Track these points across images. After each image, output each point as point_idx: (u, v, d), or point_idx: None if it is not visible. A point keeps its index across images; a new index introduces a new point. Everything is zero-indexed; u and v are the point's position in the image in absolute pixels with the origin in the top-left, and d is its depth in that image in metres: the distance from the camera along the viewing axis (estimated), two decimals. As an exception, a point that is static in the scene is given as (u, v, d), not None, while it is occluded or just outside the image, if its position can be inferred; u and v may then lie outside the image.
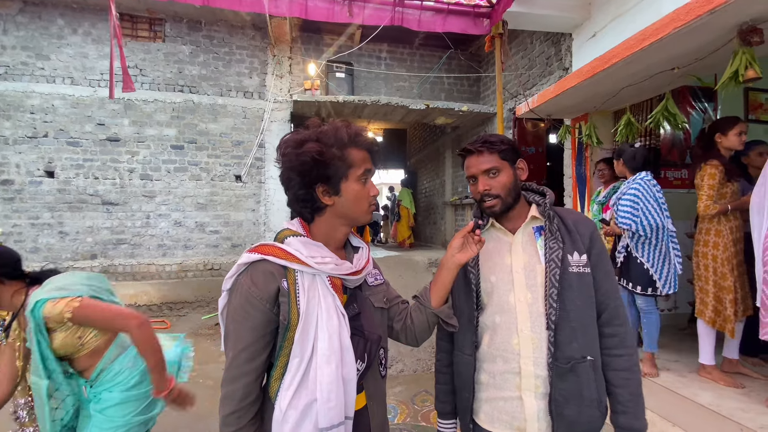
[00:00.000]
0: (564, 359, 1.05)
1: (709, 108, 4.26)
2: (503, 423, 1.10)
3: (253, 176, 6.85)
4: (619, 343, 1.10)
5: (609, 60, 2.90)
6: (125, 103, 6.37)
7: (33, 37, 6.14)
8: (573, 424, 1.04)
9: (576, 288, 1.07)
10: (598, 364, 1.08)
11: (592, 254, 1.11)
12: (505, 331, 1.11)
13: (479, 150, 1.13)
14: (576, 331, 1.06)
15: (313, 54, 7.18)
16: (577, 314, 1.06)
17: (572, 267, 1.08)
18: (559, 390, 1.04)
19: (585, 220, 1.16)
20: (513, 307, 1.10)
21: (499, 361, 1.11)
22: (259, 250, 0.96)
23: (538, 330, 1.08)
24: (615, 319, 1.11)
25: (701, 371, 2.71)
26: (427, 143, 10.31)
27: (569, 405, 1.04)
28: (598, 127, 3.99)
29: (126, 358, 1.57)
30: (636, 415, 1.06)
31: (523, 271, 1.11)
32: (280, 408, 0.91)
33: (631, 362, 1.09)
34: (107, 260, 6.27)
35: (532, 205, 1.18)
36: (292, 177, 0.98)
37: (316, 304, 0.94)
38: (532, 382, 1.07)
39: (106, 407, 1.51)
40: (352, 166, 0.98)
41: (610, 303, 1.11)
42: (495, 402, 1.12)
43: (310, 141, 0.97)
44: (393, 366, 3.95)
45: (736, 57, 2.32)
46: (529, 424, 1.07)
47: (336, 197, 0.99)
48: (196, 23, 6.66)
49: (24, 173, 6.05)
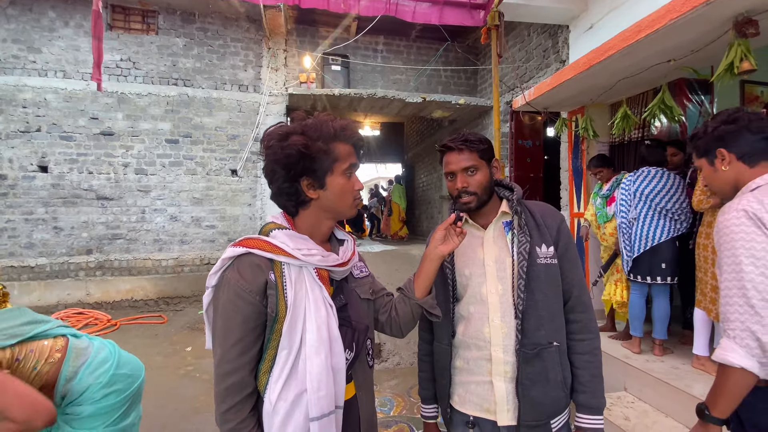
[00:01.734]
0: (531, 345, 1.12)
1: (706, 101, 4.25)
2: (474, 405, 1.18)
3: (249, 170, 6.82)
4: (581, 329, 1.17)
5: (605, 52, 2.88)
6: (119, 97, 6.31)
7: (24, 30, 6.06)
8: (538, 405, 1.12)
9: (544, 279, 1.14)
10: (564, 349, 1.16)
11: (560, 246, 1.18)
12: (477, 320, 1.18)
13: (459, 148, 1.18)
14: (543, 319, 1.13)
15: (309, 46, 7.11)
16: (545, 303, 1.13)
17: (540, 259, 1.14)
18: (525, 374, 1.11)
19: (553, 212, 1.23)
20: (485, 298, 1.17)
21: (473, 349, 1.19)
22: (244, 243, 0.96)
23: (507, 319, 1.15)
24: (578, 306, 1.18)
25: (695, 362, 2.74)
26: (425, 137, 10.27)
27: (535, 387, 1.11)
28: (595, 120, 3.98)
29: (88, 369, 1.33)
30: (594, 394, 1.15)
31: (494, 264, 1.18)
32: (269, 400, 0.91)
33: (592, 346, 1.17)
34: (103, 255, 6.25)
35: (503, 201, 1.24)
36: (276, 170, 0.98)
37: (304, 296, 0.94)
38: (501, 367, 1.14)
39: (75, 419, 1.34)
40: (337, 160, 0.98)
41: (575, 291, 1.18)
42: (467, 385, 1.20)
43: (295, 134, 0.96)
44: (389, 359, 3.96)
45: (731, 49, 2.31)
46: (498, 405, 1.14)
47: (321, 191, 0.99)
48: (190, 15, 6.58)
49: (17, 168, 5.99)
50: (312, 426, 0.90)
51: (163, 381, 3.48)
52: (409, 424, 2.75)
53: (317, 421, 0.90)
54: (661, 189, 2.91)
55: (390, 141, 13.05)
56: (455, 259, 1.23)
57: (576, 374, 1.16)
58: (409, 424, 2.75)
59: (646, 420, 2.52)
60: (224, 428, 0.92)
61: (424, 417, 1.36)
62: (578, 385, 1.16)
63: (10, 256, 5.95)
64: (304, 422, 0.90)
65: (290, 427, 0.90)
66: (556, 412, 1.15)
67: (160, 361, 3.95)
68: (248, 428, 0.92)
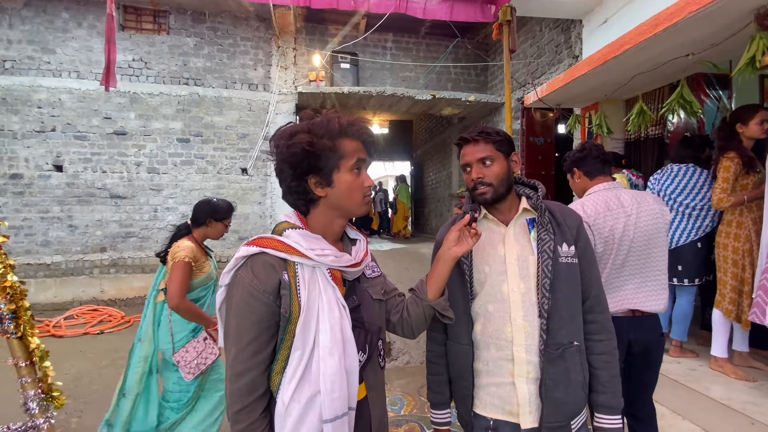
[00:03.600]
0: (554, 345, 1.11)
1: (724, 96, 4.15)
2: (495, 407, 1.16)
3: (259, 169, 6.85)
4: (600, 329, 1.17)
5: (620, 47, 2.82)
6: (131, 97, 6.38)
7: (38, 31, 6.16)
8: (561, 405, 1.10)
9: (565, 278, 1.13)
10: (583, 349, 1.15)
11: (579, 245, 1.17)
12: (498, 319, 1.15)
13: (475, 139, 1.18)
14: (565, 318, 1.12)
15: (318, 45, 7.11)
16: (566, 303, 1.12)
17: (562, 258, 1.13)
18: (549, 374, 1.10)
19: (572, 213, 1.22)
20: (506, 296, 1.15)
21: (492, 349, 1.16)
22: (257, 243, 0.95)
23: (530, 318, 1.13)
24: (597, 306, 1.18)
25: (713, 364, 2.67)
26: (434, 134, 10.22)
27: (558, 388, 1.10)
28: (609, 116, 3.91)
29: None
30: (614, 394, 1.14)
31: (516, 262, 1.16)
32: (282, 401, 0.90)
33: (610, 346, 1.17)
34: (116, 253, 6.34)
35: (523, 198, 1.22)
36: (284, 169, 0.98)
37: (317, 297, 0.94)
38: (524, 368, 1.12)
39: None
40: (343, 157, 0.97)
41: (593, 291, 1.18)
42: (488, 388, 1.17)
43: (301, 132, 0.96)
44: (399, 358, 3.95)
45: (753, 42, 2.24)
46: (521, 408, 1.12)
47: (329, 188, 0.98)
48: (200, 15, 6.62)
49: (33, 167, 6.11)
50: (325, 428, 0.90)
51: (176, 378, 3.52)
52: (420, 423, 2.74)
53: (330, 423, 0.89)
54: (685, 186, 2.84)
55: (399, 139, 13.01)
56: (473, 254, 1.21)
57: (595, 375, 1.15)
58: (420, 423, 2.74)
59: (661, 422, 2.46)
60: (236, 428, 0.91)
61: (436, 423, 1.29)
62: (598, 385, 1.14)
63: (27, 253, 6.07)
64: (317, 424, 0.90)
65: (304, 429, 0.89)
66: (576, 413, 1.13)
67: (173, 358, 4.00)
68: (259, 429, 0.91)
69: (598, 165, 1.82)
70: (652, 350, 1.76)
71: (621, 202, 1.73)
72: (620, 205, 1.72)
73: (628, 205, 1.72)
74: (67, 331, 4.72)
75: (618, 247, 1.69)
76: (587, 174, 1.85)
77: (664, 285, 1.75)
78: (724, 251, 2.60)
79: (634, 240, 1.69)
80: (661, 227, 1.73)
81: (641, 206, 1.72)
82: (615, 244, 1.69)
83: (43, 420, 1.71)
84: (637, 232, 1.69)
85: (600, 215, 1.70)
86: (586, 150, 1.82)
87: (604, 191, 1.78)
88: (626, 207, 1.71)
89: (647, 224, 1.70)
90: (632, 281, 1.72)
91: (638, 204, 1.72)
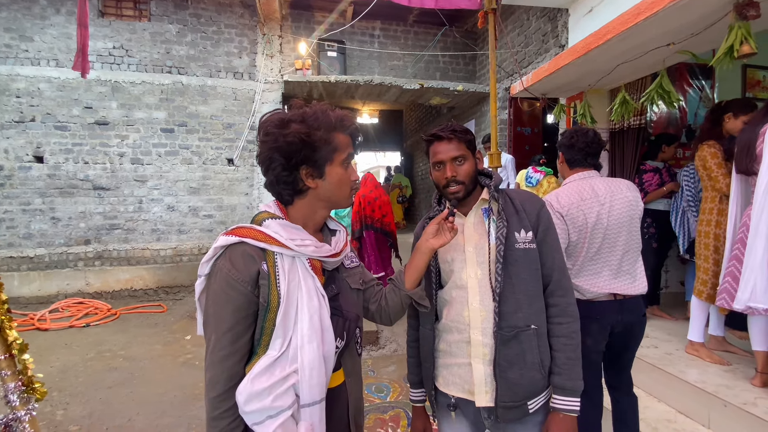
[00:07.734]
0: (508, 328, 1.15)
1: (707, 85, 4.19)
2: (456, 386, 1.23)
3: (246, 159, 6.77)
4: (560, 312, 1.20)
5: (603, 36, 2.83)
6: (112, 86, 6.23)
7: (16, 18, 5.95)
8: (515, 386, 1.15)
9: (522, 263, 1.16)
10: (543, 332, 1.18)
11: (539, 231, 1.21)
12: (458, 304, 1.22)
13: (449, 137, 1.21)
14: (521, 302, 1.16)
15: (304, 32, 6.99)
16: (523, 287, 1.16)
17: (518, 243, 1.17)
18: (503, 356, 1.15)
19: (533, 199, 1.26)
20: (465, 283, 1.21)
21: (454, 332, 1.23)
22: (236, 232, 0.95)
23: (486, 303, 1.18)
24: (558, 290, 1.21)
25: (688, 348, 2.75)
26: (424, 124, 10.18)
27: (512, 369, 1.15)
28: (593, 105, 3.93)
29: None
30: (570, 376, 1.16)
31: (474, 250, 1.22)
32: (248, 377, 0.92)
33: (570, 329, 1.19)
34: (101, 245, 6.25)
35: (484, 189, 1.27)
36: (275, 158, 0.97)
37: (296, 287, 0.95)
38: (480, 350, 1.18)
39: None
40: (337, 150, 0.99)
41: (554, 275, 1.21)
42: (450, 368, 1.25)
43: (295, 122, 0.96)
44: (387, 346, 3.99)
45: (731, 32, 2.26)
46: (477, 387, 1.18)
47: (320, 180, 0.99)
48: (183, 1, 6.45)
49: (13, 159, 5.96)
50: (303, 412, 0.92)
51: (163, 369, 3.52)
52: (405, 409, 2.78)
53: (308, 408, 0.92)
54: None
55: (389, 129, 12.95)
56: None
57: (553, 356, 1.19)
58: (405, 409, 2.78)
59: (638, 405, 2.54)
60: (212, 414, 0.92)
61: (413, 401, 1.40)
62: (555, 367, 1.18)
63: (9, 246, 5.95)
64: (269, 404, 0.89)
65: (256, 403, 0.90)
66: (534, 394, 1.17)
67: (160, 349, 3.99)
68: (235, 415, 0.92)
69: (579, 156, 1.86)
70: (635, 330, 1.84)
71: (595, 191, 1.77)
72: (594, 195, 1.76)
73: (602, 194, 1.76)
74: (53, 324, 4.66)
75: (591, 235, 1.74)
76: (568, 162, 1.92)
77: (640, 267, 1.82)
78: (706, 239, 2.65)
79: (609, 228, 1.74)
80: (634, 215, 1.78)
81: (615, 195, 1.76)
82: (588, 232, 1.74)
83: (24, 412, 1.69)
84: (611, 219, 1.74)
85: (573, 206, 1.75)
86: (575, 139, 1.86)
87: (579, 181, 1.84)
88: (600, 196, 1.76)
89: (621, 212, 1.75)
90: (608, 266, 1.76)
91: (612, 193, 1.77)
